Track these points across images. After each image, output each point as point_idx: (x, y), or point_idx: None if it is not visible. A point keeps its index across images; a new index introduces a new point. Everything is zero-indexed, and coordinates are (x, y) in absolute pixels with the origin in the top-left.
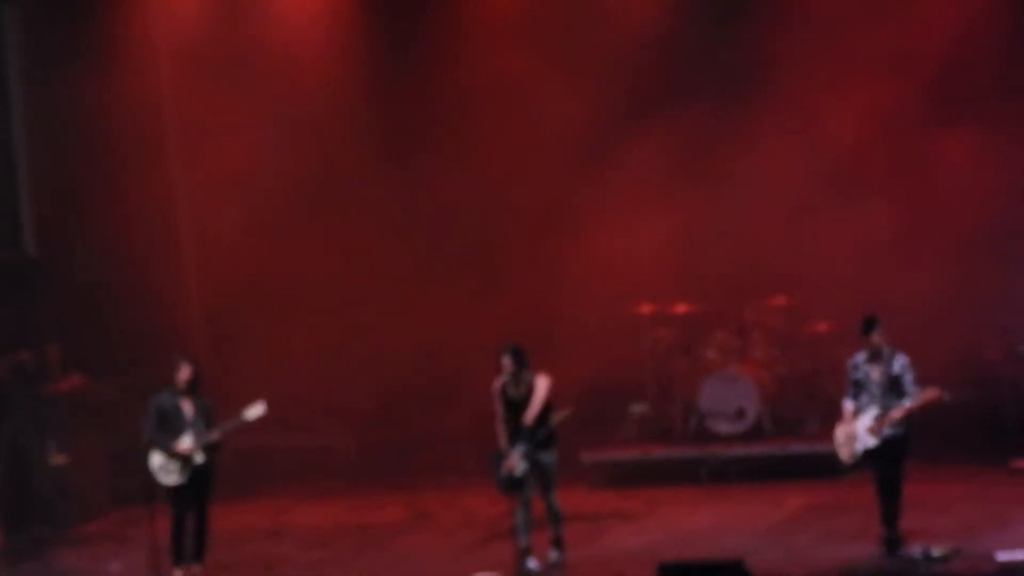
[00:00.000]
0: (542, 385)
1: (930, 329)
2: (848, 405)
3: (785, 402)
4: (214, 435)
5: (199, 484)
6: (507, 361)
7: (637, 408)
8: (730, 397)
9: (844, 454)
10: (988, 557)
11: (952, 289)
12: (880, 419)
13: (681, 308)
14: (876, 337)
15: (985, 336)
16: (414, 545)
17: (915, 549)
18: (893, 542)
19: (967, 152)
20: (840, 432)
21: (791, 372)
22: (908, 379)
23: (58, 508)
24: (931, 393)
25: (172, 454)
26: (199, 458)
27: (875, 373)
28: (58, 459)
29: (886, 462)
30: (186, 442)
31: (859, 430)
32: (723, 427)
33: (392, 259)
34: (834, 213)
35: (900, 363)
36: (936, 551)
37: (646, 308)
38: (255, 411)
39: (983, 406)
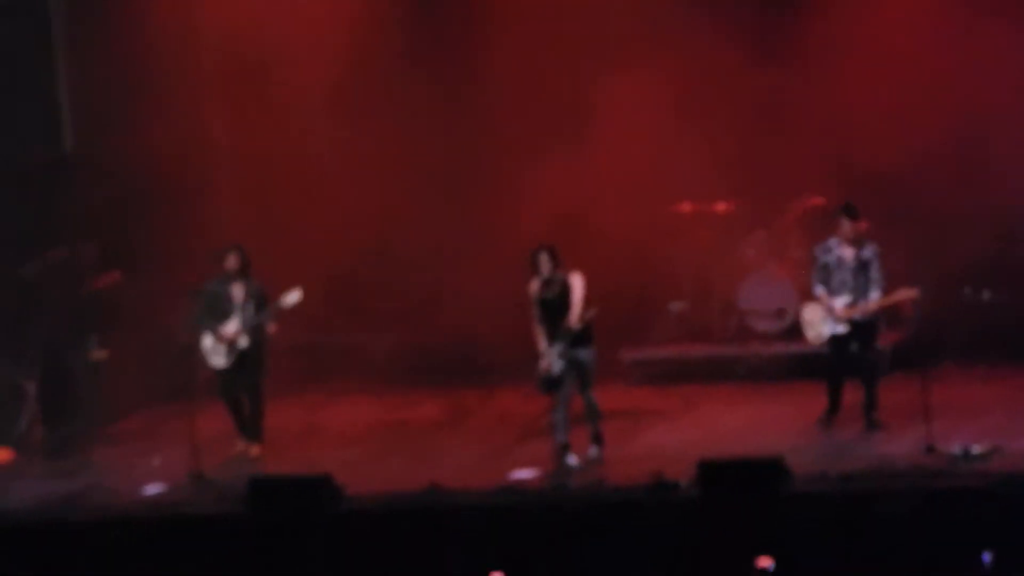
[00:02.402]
0: (579, 284)
1: (965, 230)
2: (819, 290)
3: None
4: (256, 320)
5: (246, 368)
6: (544, 260)
7: (676, 306)
8: (770, 296)
9: (810, 335)
10: None
11: (987, 191)
12: (851, 307)
13: (721, 207)
14: (861, 223)
15: (1019, 237)
16: (451, 443)
17: (955, 447)
18: (873, 422)
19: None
20: (809, 312)
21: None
22: (875, 267)
23: (96, 405)
24: (907, 292)
25: (219, 338)
26: (243, 342)
27: (848, 257)
28: (99, 354)
29: (859, 346)
30: (231, 327)
31: (830, 314)
32: (762, 326)
33: (429, 161)
34: (878, 109)
35: (871, 250)
36: (976, 449)
37: (686, 207)
38: (291, 297)
39: (1017, 307)
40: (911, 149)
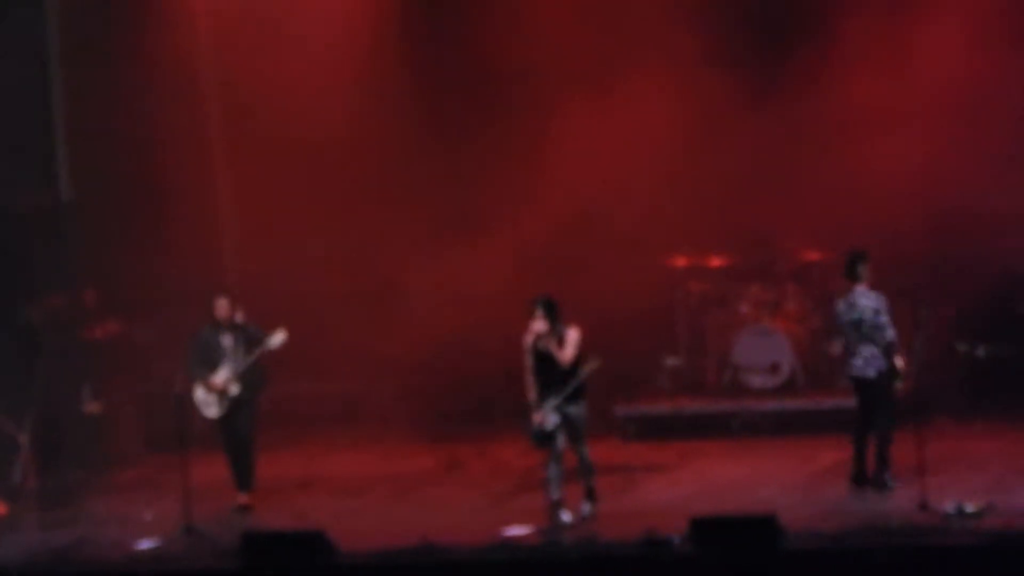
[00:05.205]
0: (573, 335)
1: (964, 284)
2: (836, 347)
3: (819, 356)
4: (244, 365)
5: (238, 416)
6: (539, 312)
7: (670, 361)
8: (764, 351)
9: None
10: (1021, 513)
11: (987, 244)
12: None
13: (716, 261)
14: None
15: (1019, 290)
16: (445, 496)
17: (948, 504)
18: (861, 476)
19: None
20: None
21: (825, 326)
22: (882, 320)
23: (91, 454)
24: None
25: (209, 388)
26: (234, 390)
27: (847, 313)
28: (92, 407)
29: (860, 401)
30: (221, 375)
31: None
32: (757, 381)
33: (429, 207)
34: (866, 163)
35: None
36: (969, 507)
37: (680, 260)
38: (277, 338)
39: (1017, 361)
40: (908, 203)
